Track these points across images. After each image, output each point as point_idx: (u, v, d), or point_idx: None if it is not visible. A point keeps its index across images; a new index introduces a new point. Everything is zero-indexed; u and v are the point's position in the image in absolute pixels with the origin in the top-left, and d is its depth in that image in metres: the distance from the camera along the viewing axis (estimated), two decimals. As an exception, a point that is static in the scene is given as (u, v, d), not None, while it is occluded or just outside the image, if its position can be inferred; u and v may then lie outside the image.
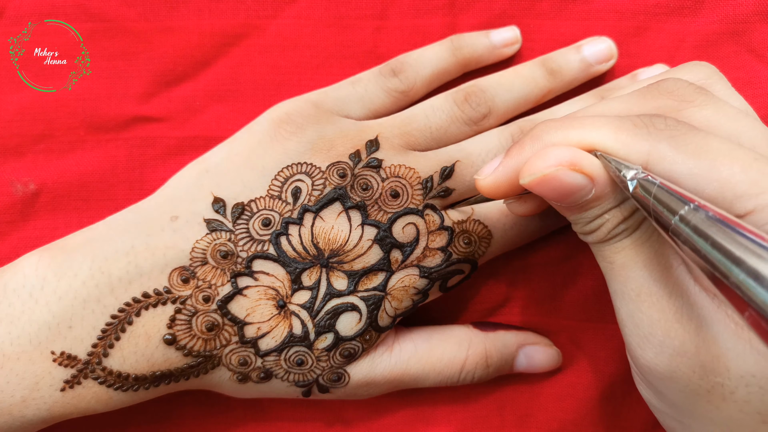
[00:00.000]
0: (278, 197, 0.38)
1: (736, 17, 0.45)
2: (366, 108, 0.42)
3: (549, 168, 0.30)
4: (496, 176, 0.33)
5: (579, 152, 0.30)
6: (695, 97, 0.31)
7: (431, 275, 0.39)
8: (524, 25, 0.45)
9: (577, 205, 0.31)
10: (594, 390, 0.45)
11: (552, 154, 0.30)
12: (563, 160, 0.30)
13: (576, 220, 0.32)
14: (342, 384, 0.39)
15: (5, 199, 0.44)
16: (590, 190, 0.30)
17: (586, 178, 0.30)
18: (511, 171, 0.32)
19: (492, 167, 0.33)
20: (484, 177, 0.33)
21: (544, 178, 0.30)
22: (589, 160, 0.30)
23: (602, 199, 0.31)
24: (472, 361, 0.41)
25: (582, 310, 0.45)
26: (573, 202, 0.31)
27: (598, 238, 0.32)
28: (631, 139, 0.29)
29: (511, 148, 0.33)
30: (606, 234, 0.32)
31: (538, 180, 0.30)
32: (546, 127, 0.32)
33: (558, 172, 0.30)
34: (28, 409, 0.35)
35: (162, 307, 0.37)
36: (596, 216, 0.31)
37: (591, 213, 0.31)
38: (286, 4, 0.45)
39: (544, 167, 0.30)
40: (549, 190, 0.30)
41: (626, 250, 0.31)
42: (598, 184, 0.30)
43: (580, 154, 0.30)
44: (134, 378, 0.37)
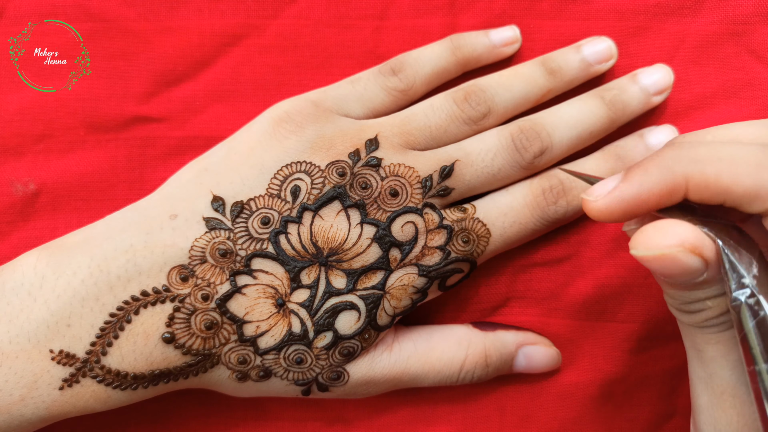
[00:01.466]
0: (277, 196, 0.38)
1: (736, 18, 0.45)
2: (365, 107, 0.42)
3: (670, 248, 0.28)
4: (611, 200, 0.30)
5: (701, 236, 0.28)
6: None
7: (430, 274, 0.39)
8: (524, 25, 0.45)
9: (683, 285, 0.29)
10: (594, 389, 0.45)
11: (675, 232, 0.28)
12: (687, 242, 0.28)
13: (674, 295, 0.31)
14: (341, 382, 0.39)
15: (5, 199, 0.44)
16: (702, 274, 0.28)
17: (702, 262, 0.28)
18: (629, 197, 0.29)
19: (607, 188, 0.30)
20: (596, 198, 0.30)
21: (663, 257, 0.28)
22: (710, 245, 0.28)
23: (711, 284, 0.29)
24: (471, 361, 0.41)
25: (582, 310, 0.45)
26: (680, 283, 0.29)
27: (693, 322, 0.31)
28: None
29: (632, 169, 0.30)
30: (703, 320, 0.30)
31: (655, 257, 0.28)
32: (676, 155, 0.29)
33: (678, 253, 0.28)
34: (27, 407, 0.35)
35: (161, 306, 0.37)
36: (699, 299, 0.30)
37: (694, 295, 0.30)
38: (286, 4, 0.45)
39: (665, 245, 0.28)
40: (661, 267, 0.28)
41: (720, 344, 0.30)
42: (712, 268, 0.28)
43: (703, 239, 0.28)
44: (133, 377, 0.37)
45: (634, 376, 0.45)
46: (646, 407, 0.45)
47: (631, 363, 0.45)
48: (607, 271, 0.44)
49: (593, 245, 0.44)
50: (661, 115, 0.45)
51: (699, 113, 0.45)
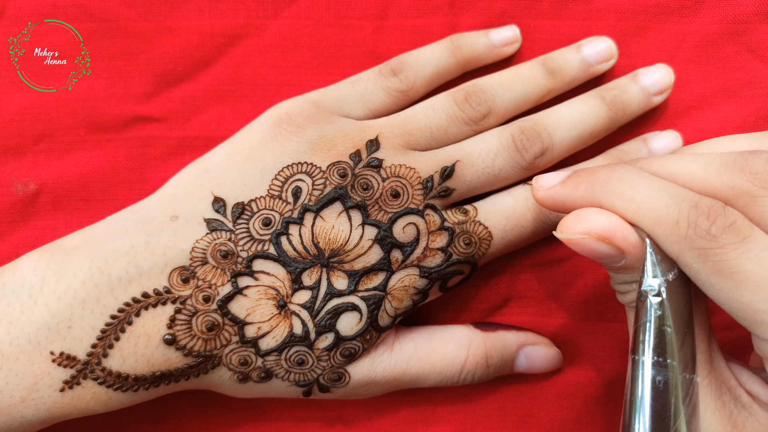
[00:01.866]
0: (278, 197, 0.38)
1: (736, 17, 0.45)
2: (366, 107, 0.42)
3: (577, 234, 0.31)
4: (545, 196, 0.34)
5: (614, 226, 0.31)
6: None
7: (431, 275, 0.39)
8: (524, 24, 0.45)
9: (608, 267, 0.32)
10: (594, 389, 0.45)
11: (585, 221, 0.31)
12: (593, 230, 0.31)
13: (611, 277, 0.34)
14: (342, 383, 0.39)
15: (5, 199, 0.44)
16: (620, 260, 0.31)
17: (615, 249, 0.31)
18: (560, 199, 0.33)
19: (550, 182, 0.34)
20: (539, 188, 0.35)
21: (572, 241, 0.31)
22: (623, 235, 0.30)
23: (633, 270, 0.32)
24: (472, 361, 0.41)
25: (582, 309, 0.45)
26: (604, 264, 0.32)
27: (624, 301, 0.34)
28: (665, 237, 0.30)
29: (571, 177, 0.34)
30: (630, 301, 0.33)
31: (567, 241, 0.31)
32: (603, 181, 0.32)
33: (584, 240, 0.31)
34: (27, 409, 0.35)
35: (162, 307, 0.36)
36: (625, 281, 0.33)
37: (620, 277, 0.33)
38: (286, 4, 0.45)
39: (573, 231, 0.31)
40: (578, 251, 0.32)
41: None
42: (629, 257, 0.31)
43: (614, 229, 0.31)
44: (134, 378, 0.37)
45: (634, 376, 0.45)
46: (647, 407, 0.45)
47: (632, 363, 0.45)
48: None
49: (593, 245, 0.44)
50: (662, 115, 0.45)
51: (699, 113, 0.45)
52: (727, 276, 0.28)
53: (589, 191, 0.32)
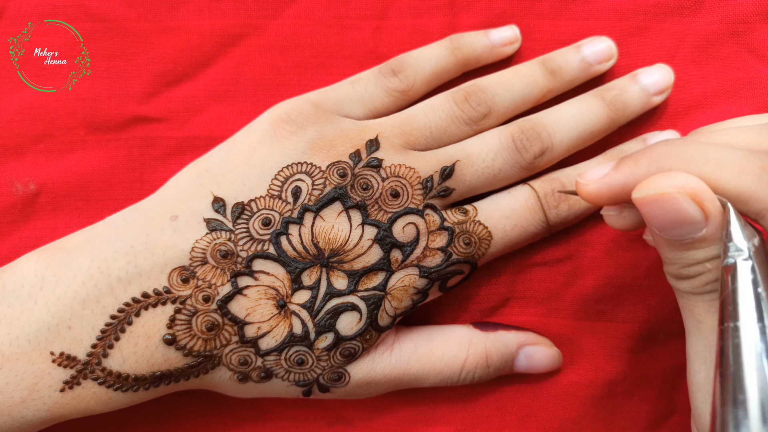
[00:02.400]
0: (278, 197, 0.38)
1: (736, 17, 0.45)
2: (366, 107, 0.42)
3: (670, 188, 0.28)
4: (600, 185, 0.32)
5: (705, 187, 0.28)
6: None
7: (431, 275, 0.39)
8: (524, 25, 0.45)
9: (681, 242, 0.30)
10: (594, 389, 0.45)
11: (678, 177, 0.28)
12: (687, 186, 0.28)
13: (673, 259, 0.31)
14: (342, 383, 0.39)
15: (5, 199, 0.44)
16: (701, 228, 0.29)
17: (702, 214, 0.28)
18: (618, 184, 0.31)
19: (598, 174, 0.32)
20: (587, 182, 0.32)
21: (662, 196, 0.28)
22: (712, 198, 0.28)
23: (710, 243, 0.29)
24: (472, 361, 0.41)
25: (582, 310, 0.45)
26: (678, 236, 0.29)
27: (691, 287, 0.31)
28: (755, 184, 0.28)
29: (624, 160, 0.31)
30: (702, 285, 0.30)
31: (654, 197, 0.29)
32: (666, 150, 0.30)
33: (678, 195, 0.28)
34: (28, 409, 0.35)
35: (162, 307, 0.37)
36: (696, 261, 0.30)
37: (692, 255, 0.30)
38: (286, 4, 0.45)
39: (665, 185, 0.28)
40: (660, 212, 0.29)
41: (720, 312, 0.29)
42: (712, 224, 0.29)
43: (705, 189, 0.28)
44: (134, 378, 0.37)
45: (634, 376, 0.45)
46: (646, 406, 0.45)
47: (631, 362, 0.45)
48: (607, 271, 0.44)
49: (593, 245, 0.44)
50: (662, 115, 0.45)
51: (699, 113, 0.45)
52: None
53: (654, 165, 0.30)
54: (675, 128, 0.44)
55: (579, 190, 0.33)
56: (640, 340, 0.45)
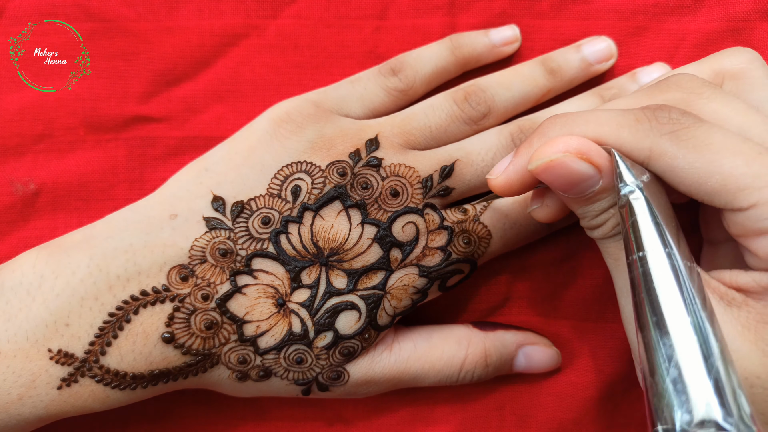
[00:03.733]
0: (278, 196, 0.38)
1: (736, 15, 0.45)
2: (365, 107, 0.42)
3: (556, 153, 0.30)
4: (507, 175, 0.34)
5: (588, 143, 0.30)
6: (703, 90, 0.32)
7: (431, 274, 0.39)
8: (524, 24, 0.45)
9: (583, 197, 0.32)
10: (594, 389, 0.45)
11: (560, 141, 0.30)
12: (570, 147, 0.30)
13: (583, 213, 0.33)
14: (341, 382, 0.39)
15: (5, 199, 0.44)
16: (597, 181, 0.31)
17: (593, 168, 0.30)
18: (522, 168, 0.33)
19: (503, 166, 0.34)
20: (496, 176, 0.34)
21: (551, 163, 0.30)
22: (597, 151, 0.30)
23: (609, 192, 0.31)
24: (471, 361, 0.41)
25: (582, 309, 0.45)
26: (579, 193, 0.31)
27: (603, 233, 0.33)
28: (632, 135, 0.30)
29: (520, 146, 0.33)
30: (611, 229, 0.32)
31: (545, 165, 0.31)
32: (551, 123, 0.32)
33: (565, 158, 0.30)
34: (25, 407, 0.35)
35: (160, 305, 0.37)
36: (603, 210, 0.32)
37: (597, 206, 0.32)
38: (286, 4, 0.45)
39: (551, 152, 0.30)
40: (556, 177, 0.31)
41: None
42: (606, 175, 0.31)
43: (589, 145, 0.30)
44: (132, 376, 0.37)
45: (633, 376, 0.44)
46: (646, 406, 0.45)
47: (631, 362, 0.44)
48: (607, 271, 0.44)
49: (593, 245, 0.44)
50: (661, 115, 0.45)
51: (699, 113, 0.45)
52: (703, 149, 0.29)
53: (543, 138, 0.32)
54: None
55: (491, 185, 0.35)
56: (640, 340, 0.44)
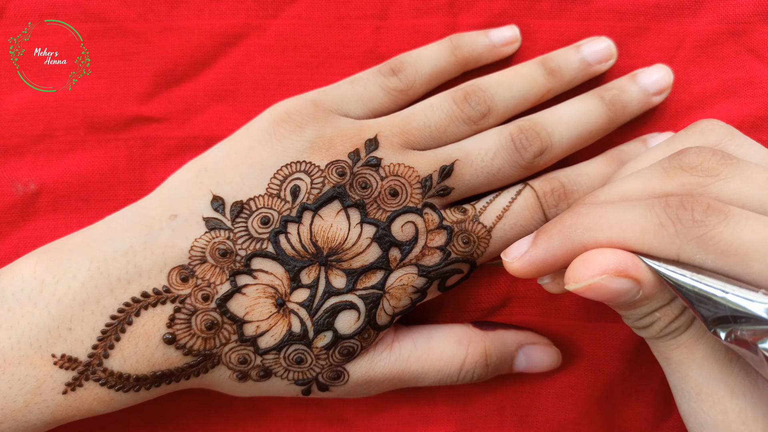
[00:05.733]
0: (277, 195, 0.38)
1: (735, 17, 0.45)
2: (365, 107, 0.42)
3: (594, 277, 0.30)
4: (523, 264, 0.33)
5: (624, 257, 0.30)
6: (721, 170, 0.31)
7: (430, 274, 0.39)
8: (524, 24, 0.45)
9: (624, 306, 0.31)
10: (594, 389, 0.45)
11: (596, 262, 0.30)
12: (608, 268, 0.30)
13: (627, 315, 0.33)
14: (341, 382, 0.39)
15: (5, 199, 0.44)
16: (637, 292, 0.30)
17: (632, 282, 0.30)
18: (539, 260, 0.33)
19: (519, 251, 0.34)
20: (512, 261, 0.34)
21: (590, 286, 0.30)
22: (635, 265, 0.30)
23: (651, 299, 0.31)
24: (471, 360, 0.41)
25: (582, 309, 0.45)
26: (621, 304, 0.31)
27: (650, 335, 0.32)
28: (658, 242, 0.30)
29: (538, 235, 0.33)
30: (658, 332, 0.32)
31: (584, 288, 0.30)
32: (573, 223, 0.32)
33: (603, 280, 0.30)
34: (31, 413, 0.35)
35: (161, 307, 0.37)
36: (646, 314, 0.32)
37: (641, 311, 0.32)
38: (286, 4, 0.45)
39: (589, 276, 0.30)
40: (596, 296, 0.30)
41: (681, 348, 0.32)
42: (646, 285, 0.30)
43: (626, 261, 0.30)
44: (135, 378, 0.37)
45: (633, 376, 0.45)
46: (646, 407, 0.45)
47: (631, 363, 0.45)
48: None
49: (593, 245, 0.44)
50: (662, 115, 0.45)
51: (699, 113, 0.45)
52: (732, 253, 0.28)
53: (566, 238, 0.32)
54: (675, 128, 0.44)
55: (506, 267, 0.34)
56: (639, 341, 0.45)
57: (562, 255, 0.32)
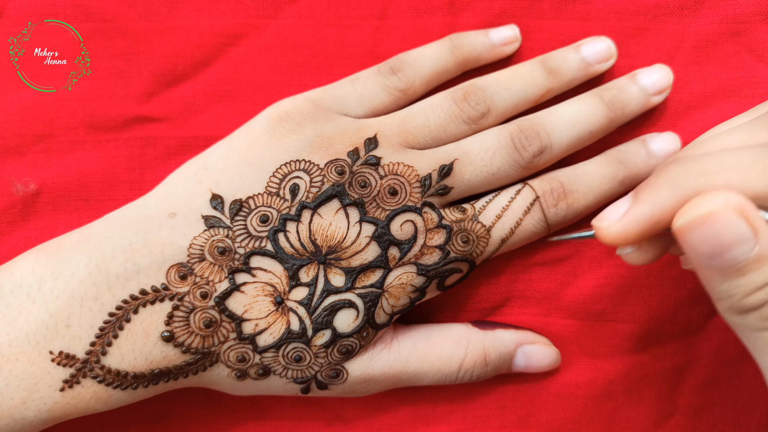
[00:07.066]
0: (276, 194, 0.38)
1: (736, 17, 0.45)
2: (365, 106, 0.42)
3: (718, 206, 0.26)
4: (626, 224, 0.30)
5: (747, 201, 0.26)
6: None
7: (429, 273, 0.39)
8: (524, 24, 0.45)
9: (733, 267, 0.27)
10: (594, 389, 0.45)
11: (721, 195, 0.27)
12: (733, 202, 0.26)
13: (729, 290, 0.27)
14: (340, 380, 0.39)
15: (5, 199, 0.44)
16: (753, 247, 0.26)
17: (751, 231, 0.26)
18: (644, 219, 0.29)
19: (618, 212, 0.30)
20: (609, 224, 0.30)
21: (707, 218, 0.26)
22: (755, 212, 0.26)
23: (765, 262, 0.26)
24: (470, 360, 0.41)
25: (582, 309, 0.44)
26: (729, 261, 0.27)
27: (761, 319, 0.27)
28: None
29: (641, 190, 0.30)
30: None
31: (701, 220, 0.27)
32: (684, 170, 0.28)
33: (727, 213, 0.26)
34: (29, 410, 0.35)
35: (160, 304, 0.37)
36: (758, 286, 0.27)
37: (751, 279, 0.27)
38: (286, 4, 0.45)
39: (712, 204, 0.26)
40: (708, 236, 0.27)
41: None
42: (763, 241, 0.26)
43: (748, 203, 0.26)
44: (133, 376, 0.37)
45: (634, 376, 0.44)
46: (646, 406, 0.45)
47: (631, 362, 0.44)
48: (607, 271, 0.44)
49: (593, 245, 0.44)
50: (661, 116, 0.45)
51: (699, 113, 0.45)
52: None
53: (677, 187, 0.28)
54: (674, 128, 0.44)
55: (601, 234, 0.31)
56: (640, 340, 0.44)
57: (672, 209, 0.28)
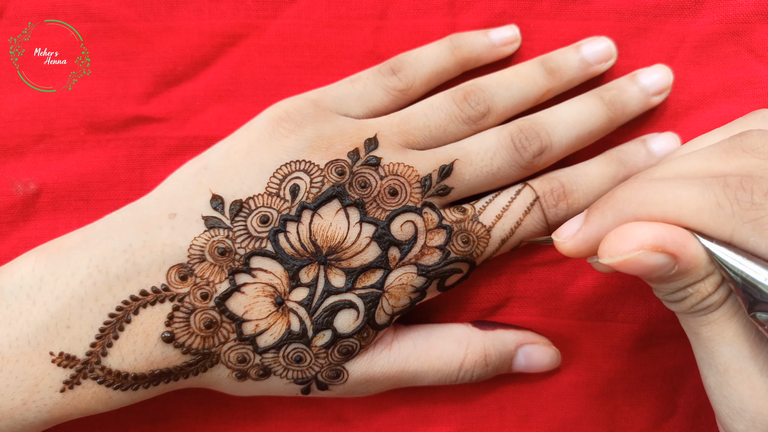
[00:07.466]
0: (276, 194, 0.38)
1: (736, 17, 0.45)
2: (365, 106, 0.42)
3: (630, 252, 0.30)
4: (576, 242, 0.33)
5: (663, 233, 0.29)
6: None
7: (429, 273, 0.39)
8: (524, 25, 0.45)
9: (659, 278, 0.31)
10: (594, 389, 0.45)
11: (634, 236, 0.30)
12: (645, 242, 0.29)
13: (658, 289, 0.32)
14: (341, 381, 0.39)
15: (5, 199, 0.44)
16: (672, 267, 0.30)
17: (668, 257, 0.30)
18: (592, 238, 0.32)
19: (571, 230, 0.33)
20: (564, 240, 0.34)
21: (626, 261, 0.30)
22: (673, 240, 0.29)
23: (685, 275, 0.30)
24: (470, 360, 0.41)
25: (582, 309, 0.45)
26: (655, 279, 0.31)
27: (681, 310, 0.32)
28: (713, 221, 0.29)
29: (591, 212, 0.33)
30: (690, 307, 0.31)
31: (620, 263, 0.30)
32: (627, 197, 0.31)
33: (639, 255, 0.30)
34: (29, 411, 0.35)
35: (160, 305, 0.37)
36: (679, 288, 0.31)
37: (674, 285, 0.31)
38: (286, 4, 0.45)
39: (625, 250, 0.30)
40: (631, 270, 0.30)
41: (712, 324, 0.31)
42: (682, 261, 0.30)
43: (664, 236, 0.29)
44: (133, 377, 0.37)
45: (633, 376, 0.44)
46: (646, 406, 0.45)
47: (631, 362, 0.45)
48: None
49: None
50: (661, 116, 0.45)
51: (699, 113, 0.45)
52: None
53: (619, 213, 0.31)
54: (675, 128, 0.44)
55: (558, 247, 0.34)
56: (640, 340, 0.44)
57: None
